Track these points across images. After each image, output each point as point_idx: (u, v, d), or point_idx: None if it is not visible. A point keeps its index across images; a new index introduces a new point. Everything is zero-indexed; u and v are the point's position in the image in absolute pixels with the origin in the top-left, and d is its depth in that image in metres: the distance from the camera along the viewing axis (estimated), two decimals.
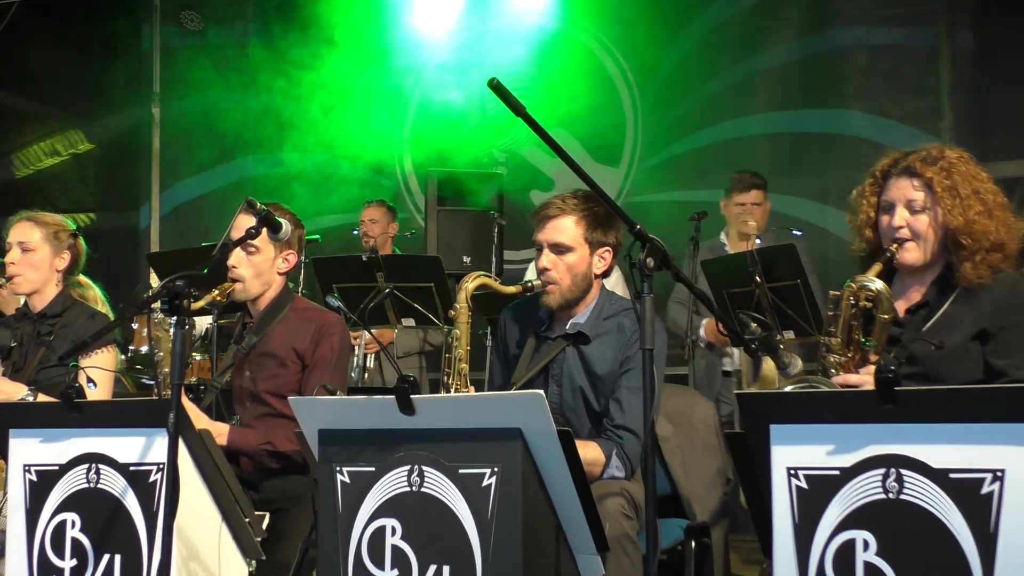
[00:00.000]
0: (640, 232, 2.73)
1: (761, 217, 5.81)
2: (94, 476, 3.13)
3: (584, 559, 2.90)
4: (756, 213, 5.80)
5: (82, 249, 4.35)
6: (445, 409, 2.81)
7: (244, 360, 3.92)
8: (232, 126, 9.18)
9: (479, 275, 3.63)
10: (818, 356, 3.15)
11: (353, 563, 2.83)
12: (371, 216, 6.97)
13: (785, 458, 2.51)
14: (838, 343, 3.08)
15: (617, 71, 8.34)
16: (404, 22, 8.82)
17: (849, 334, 3.07)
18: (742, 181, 5.93)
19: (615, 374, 3.51)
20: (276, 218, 3.63)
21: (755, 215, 5.79)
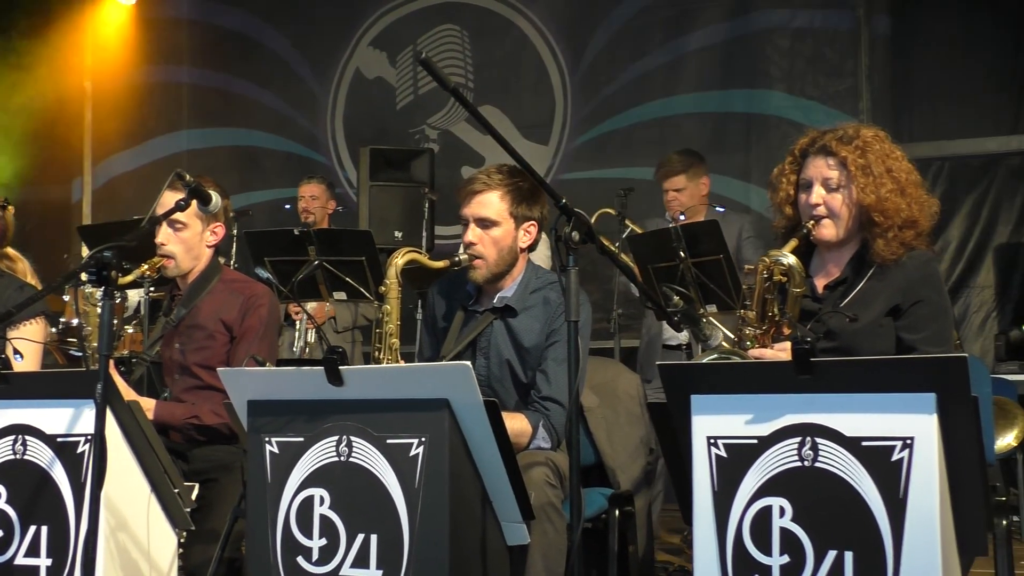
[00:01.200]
0: (565, 206, 2.77)
1: (688, 199, 5.84)
2: (20, 447, 3.12)
3: (510, 527, 2.96)
4: (681, 197, 5.84)
5: (10, 220, 4.29)
6: (373, 380, 2.84)
7: (173, 332, 3.92)
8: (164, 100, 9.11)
9: (408, 250, 3.66)
10: (735, 329, 3.22)
11: (282, 532, 2.86)
12: (311, 192, 6.96)
13: (705, 427, 2.58)
14: (753, 316, 3.14)
15: (547, 51, 8.38)
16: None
17: (764, 308, 3.14)
18: (661, 167, 5.95)
19: (541, 346, 3.56)
20: (206, 190, 3.62)
21: (679, 200, 5.83)
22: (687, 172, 5.83)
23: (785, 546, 2.45)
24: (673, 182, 5.84)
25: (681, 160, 5.88)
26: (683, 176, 5.83)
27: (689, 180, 5.84)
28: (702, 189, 5.91)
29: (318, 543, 2.82)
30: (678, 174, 5.84)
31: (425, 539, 2.70)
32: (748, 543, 2.49)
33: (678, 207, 5.81)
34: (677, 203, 5.81)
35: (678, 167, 5.85)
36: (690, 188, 5.83)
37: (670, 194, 5.86)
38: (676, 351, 5.73)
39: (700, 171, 5.90)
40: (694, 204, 5.86)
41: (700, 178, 5.89)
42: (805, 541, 2.43)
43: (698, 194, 5.88)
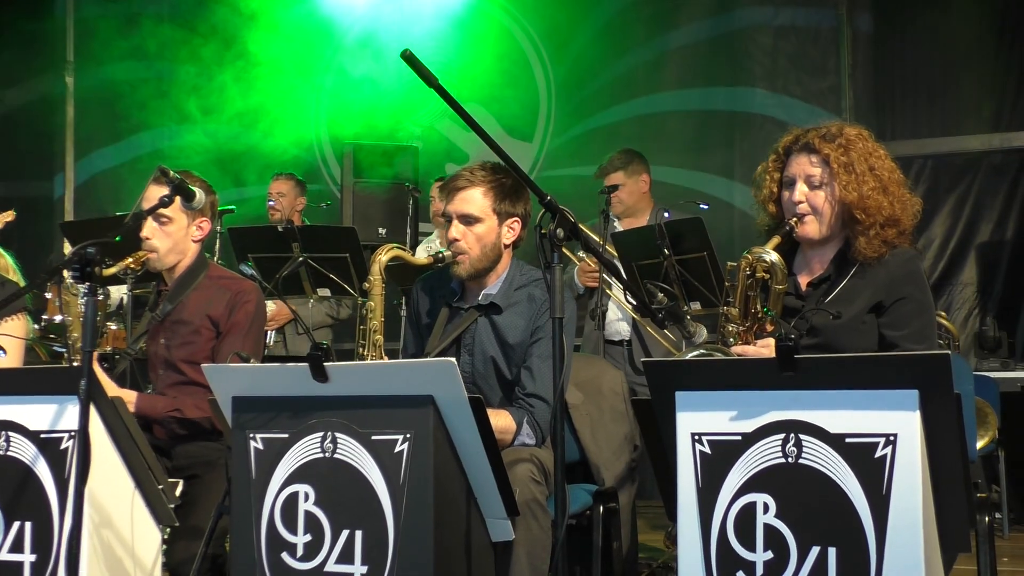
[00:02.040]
0: (550, 203, 2.78)
1: (627, 196, 5.85)
2: (4, 444, 3.10)
3: (495, 523, 2.97)
4: (620, 195, 5.83)
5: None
6: (358, 376, 2.84)
7: (159, 327, 3.91)
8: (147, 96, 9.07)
9: (392, 247, 3.66)
10: (718, 326, 3.23)
11: (266, 529, 2.86)
12: (279, 189, 6.92)
13: (689, 424, 2.58)
14: (736, 313, 3.16)
15: (531, 48, 8.40)
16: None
17: (746, 305, 3.15)
18: (600, 168, 5.97)
19: (526, 343, 3.56)
20: (189, 186, 3.61)
21: (619, 197, 5.83)
22: (625, 169, 5.85)
23: (769, 542, 2.46)
24: (611, 179, 5.85)
25: (620, 157, 5.90)
26: (621, 173, 5.84)
27: (627, 177, 5.84)
28: (642, 186, 5.91)
29: (303, 539, 2.82)
30: (616, 171, 5.86)
31: (410, 535, 2.71)
32: (732, 539, 2.50)
33: (618, 204, 5.81)
34: (616, 200, 5.81)
35: (617, 164, 5.88)
36: (629, 185, 5.84)
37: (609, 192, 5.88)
38: (618, 347, 5.76)
39: (640, 168, 5.90)
40: (635, 202, 5.87)
41: (640, 175, 5.89)
42: (789, 537, 2.44)
43: (638, 191, 5.89)
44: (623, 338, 5.75)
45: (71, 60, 9.18)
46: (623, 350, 5.71)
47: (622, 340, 5.76)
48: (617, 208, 5.81)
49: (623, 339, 5.75)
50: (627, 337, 5.72)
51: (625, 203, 5.82)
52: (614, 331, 5.78)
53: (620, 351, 5.72)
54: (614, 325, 5.76)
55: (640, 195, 5.89)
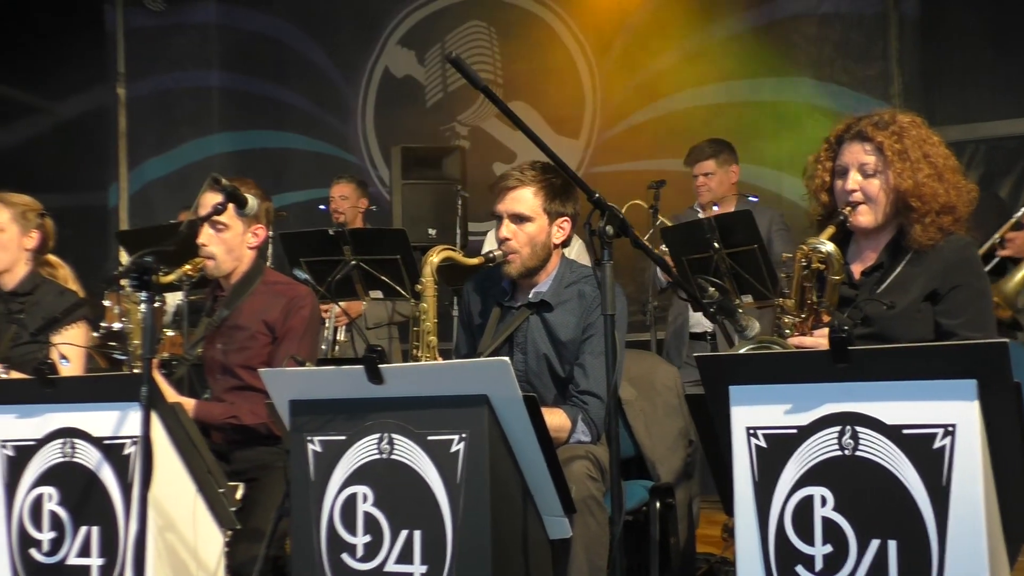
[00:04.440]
0: (599, 200, 2.79)
1: (717, 186, 5.90)
2: (69, 450, 3.17)
3: (552, 521, 2.98)
4: (710, 183, 5.89)
5: (51, 228, 4.35)
6: (413, 377, 2.86)
7: (215, 333, 3.96)
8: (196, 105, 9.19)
9: (443, 249, 3.68)
10: (773, 318, 3.22)
11: (326, 530, 2.89)
12: (341, 192, 6.96)
13: (744, 418, 2.57)
14: (792, 305, 3.14)
15: (575, 44, 8.39)
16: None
17: (802, 296, 3.14)
18: (690, 153, 6.03)
19: (578, 340, 3.57)
20: (242, 193, 3.65)
21: (709, 185, 5.89)
22: (717, 158, 5.91)
23: (828, 536, 2.45)
24: (702, 166, 5.92)
25: (711, 146, 5.96)
26: (712, 161, 5.90)
27: (719, 166, 5.91)
28: (731, 177, 5.96)
29: (362, 540, 2.84)
30: (708, 159, 5.92)
31: (468, 534, 2.72)
32: (790, 533, 2.49)
33: (707, 192, 5.87)
34: (706, 188, 5.89)
35: (708, 152, 5.93)
36: (719, 174, 5.90)
37: (700, 179, 5.93)
38: (702, 340, 5.75)
39: (730, 159, 5.96)
40: (723, 192, 5.90)
41: (730, 166, 5.95)
42: (848, 530, 2.43)
43: (727, 181, 5.93)
44: (706, 330, 5.73)
45: (122, 71, 9.31)
46: (706, 344, 5.69)
47: (704, 332, 5.74)
48: (705, 197, 5.87)
49: (705, 331, 5.73)
50: (710, 330, 5.70)
51: (714, 192, 5.88)
52: (695, 322, 5.77)
53: (703, 346, 5.70)
54: (696, 316, 5.74)
55: (729, 185, 5.94)
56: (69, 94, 9.28)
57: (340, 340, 6.30)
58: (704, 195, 5.89)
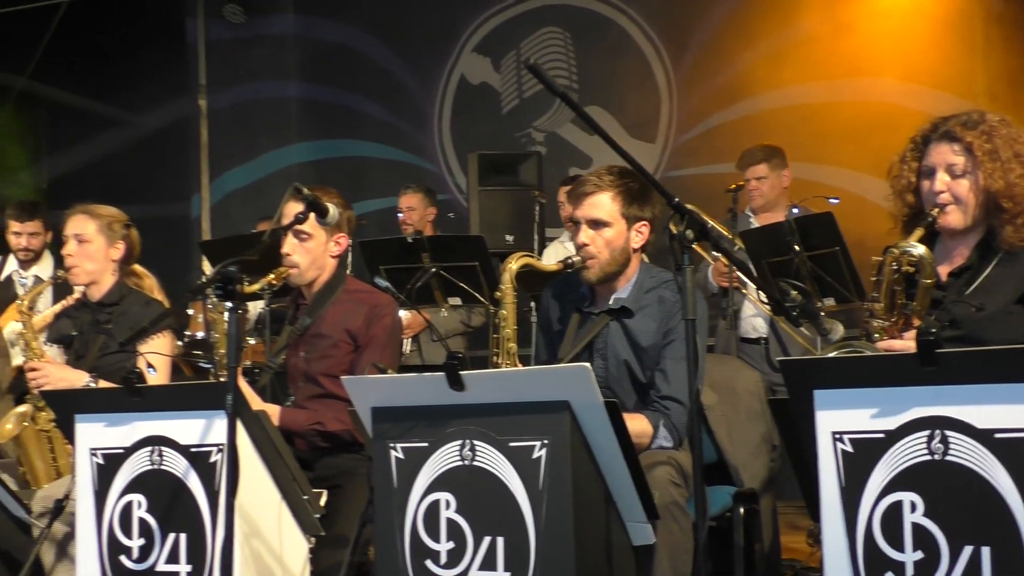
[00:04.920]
0: (678, 204, 2.77)
1: (769, 190, 5.84)
2: (157, 458, 3.22)
3: (635, 527, 2.97)
4: (762, 187, 5.84)
5: (136, 239, 4.42)
6: (494, 384, 2.87)
7: (298, 341, 3.99)
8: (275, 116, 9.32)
9: (521, 255, 3.68)
10: (861, 321, 3.17)
11: (410, 536, 2.90)
12: (408, 203, 6.99)
13: (830, 423, 2.54)
14: (881, 308, 3.09)
15: (650, 48, 8.36)
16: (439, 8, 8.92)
17: (892, 299, 3.09)
18: (742, 158, 5.98)
19: (658, 346, 3.55)
20: (322, 202, 3.68)
21: (761, 189, 5.84)
22: (769, 162, 5.87)
23: (918, 542, 2.40)
24: (754, 171, 5.88)
25: (763, 151, 5.92)
26: (764, 165, 5.86)
27: (771, 170, 5.86)
28: (783, 181, 5.91)
29: (446, 546, 2.85)
30: (759, 163, 5.87)
31: (551, 540, 2.72)
32: (879, 539, 2.45)
33: (759, 197, 5.83)
34: (758, 193, 5.86)
35: (759, 156, 5.89)
36: (771, 179, 5.86)
37: (751, 183, 5.89)
38: (755, 344, 5.69)
39: (781, 163, 5.92)
40: (775, 196, 5.84)
41: (782, 170, 5.91)
42: (939, 536, 2.39)
43: (779, 185, 5.88)
44: (760, 335, 5.69)
45: (203, 83, 9.47)
46: (760, 348, 5.64)
47: (759, 338, 5.69)
48: (757, 201, 5.84)
49: (760, 336, 5.69)
50: (764, 334, 5.66)
51: (766, 196, 5.83)
52: (749, 327, 5.73)
53: (758, 349, 5.65)
54: (750, 322, 5.70)
55: (781, 190, 5.89)
56: (152, 107, 9.46)
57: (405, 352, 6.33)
58: (756, 200, 5.86)
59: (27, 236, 6.22)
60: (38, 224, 6.24)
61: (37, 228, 6.24)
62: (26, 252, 6.24)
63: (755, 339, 5.71)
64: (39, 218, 6.26)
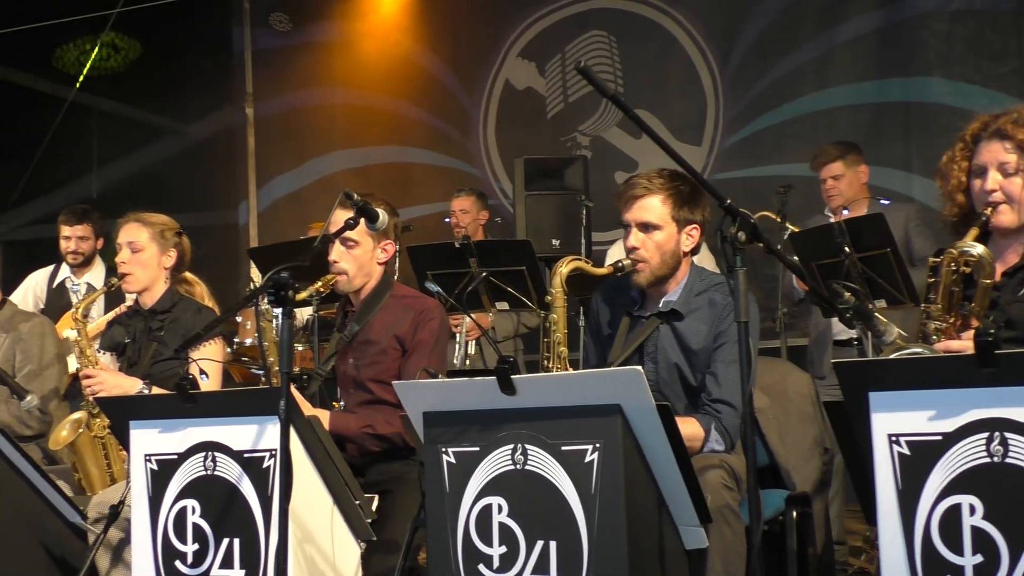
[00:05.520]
0: (730, 207, 2.76)
1: (847, 188, 5.75)
2: (211, 464, 3.24)
3: (687, 531, 2.95)
4: (840, 186, 5.75)
5: (187, 246, 4.47)
6: (545, 388, 2.85)
7: (347, 348, 4.01)
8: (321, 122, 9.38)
9: (572, 259, 3.68)
10: (918, 323, 3.14)
11: (462, 541, 2.90)
12: (461, 206, 7.02)
13: (886, 425, 2.51)
14: (939, 309, 3.06)
15: (695, 50, 8.33)
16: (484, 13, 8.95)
17: (950, 300, 3.06)
18: (816, 157, 5.88)
19: (709, 349, 3.54)
20: (373, 208, 3.70)
21: (838, 188, 5.75)
22: (844, 159, 5.75)
23: (978, 545, 2.37)
24: (830, 169, 5.76)
25: (837, 147, 5.80)
26: (840, 163, 5.74)
27: (847, 167, 5.74)
28: (861, 177, 5.79)
29: (498, 551, 2.85)
30: (835, 160, 5.76)
31: (604, 544, 2.71)
32: (938, 543, 2.43)
33: (837, 196, 5.72)
34: (836, 191, 5.73)
35: (834, 154, 5.77)
36: (848, 176, 5.74)
37: (828, 183, 5.78)
38: (847, 346, 5.60)
39: (858, 159, 5.80)
40: (854, 194, 5.74)
41: (858, 166, 5.78)
42: (999, 540, 2.35)
43: (857, 183, 5.77)
44: (851, 337, 5.59)
45: (250, 91, 9.54)
46: (852, 351, 5.54)
47: (850, 339, 5.60)
48: (836, 201, 5.72)
49: (851, 338, 5.59)
50: (856, 336, 5.55)
51: (845, 195, 5.72)
52: (840, 330, 5.62)
53: (849, 352, 5.54)
54: (841, 324, 5.60)
55: (859, 186, 5.79)
56: (199, 115, 9.56)
57: (470, 354, 6.34)
58: (834, 199, 5.73)
59: (76, 240, 6.29)
60: (87, 228, 6.31)
61: (86, 232, 6.30)
62: (75, 256, 6.31)
63: (846, 341, 5.61)
64: (88, 222, 6.32)
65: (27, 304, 6.27)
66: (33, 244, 9.49)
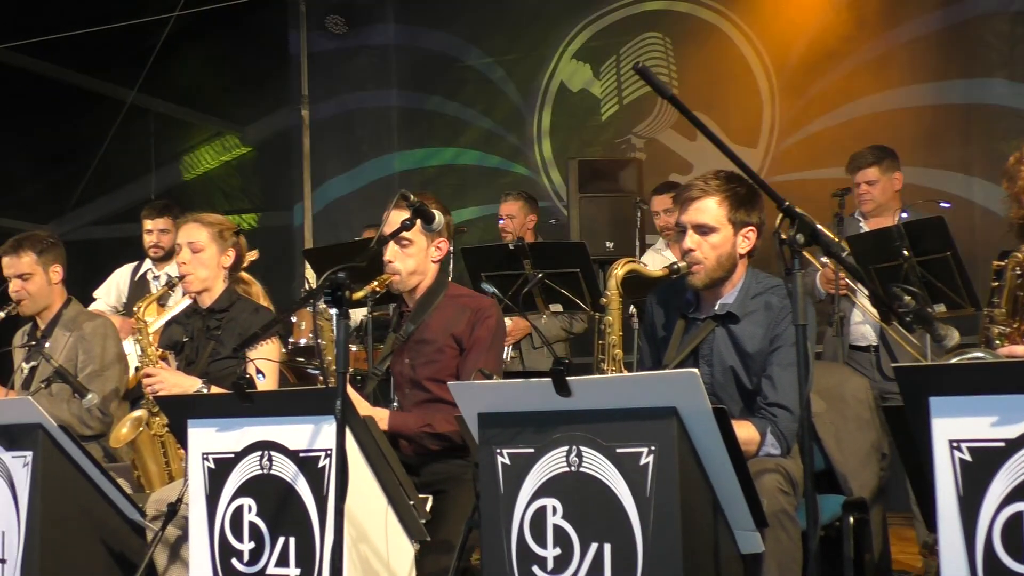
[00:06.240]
0: (789, 208, 2.74)
1: (880, 194, 5.68)
2: (267, 463, 3.27)
3: (743, 535, 2.93)
4: (873, 191, 5.68)
5: (244, 246, 4.50)
6: (601, 390, 2.85)
7: (403, 347, 4.02)
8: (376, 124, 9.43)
9: (627, 261, 3.67)
10: (981, 327, 3.10)
11: (516, 542, 2.90)
12: (508, 211, 7.00)
13: (946, 431, 2.48)
14: (1002, 314, 3.02)
15: (752, 52, 8.28)
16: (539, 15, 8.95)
17: (1014, 304, 3.01)
18: (852, 161, 5.81)
19: (765, 352, 3.51)
20: (429, 209, 3.71)
21: (872, 193, 5.68)
22: (880, 165, 5.67)
23: None
24: (865, 174, 5.69)
25: (874, 153, 5.73)
26: (876, 168, 5.67)
27: (882, 173, 5.67)
28: (895, 184, 5.72)
29: (552, 552, 2.84)
30: (871, 166, 5.69)
31: (658, 548, 2.70)
32: (1000, 551, 2.39)
33: (870, 201, 5.66)
34: (869, 197, 5.67)
35: (870, 159, 5.70)
36: (883, 182, 5.67)
37: (862, 187, 5.71)
38: (864, 352, 5.56)
39: (893, 165, 5.72)
40: (887, 200, 5.68)
41: (893, 173, 5.71)
42: None
43: (891, 189, 5.70)
44: (869, 343, 5.57)
45: (306, 94, 9.61)
46: (870, 356, 5.52)
47: (868, 346, 5.57)
48: (868, 205, 5.66)
49: (869, 344, 5.57)
50: (874, 342, 5.54)
51: (877, 200, 5.65)
52: (859, 335, 5.60)
53: (867, 357, 5.53)
54: (859, 329, 5.58)
55: (892, 194, 5.71)
56: (256, 118, 9.64)
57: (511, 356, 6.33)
58: (867, 204, 5.66)
59: (157, 233, 6.34)
60: (168, 221, 6.36)
61: (167, 225, 6.35)
62: (156, 249, 6.37)
63: (864, 347, 5.58)
64: (168, 215, 6.38)
65: (110, 298, 6.38)
66: (93, 244, 9.63)
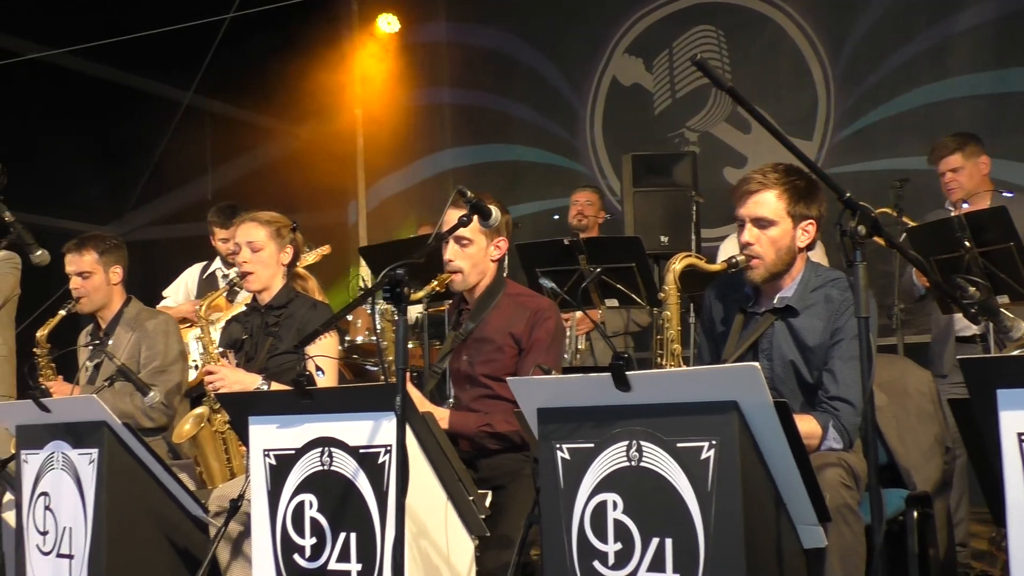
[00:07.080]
0: (850, 200, 2.71)
1: (967, 181, 5.54)
2: (327, 459, 3.29)
3: (805, 529, 2.90)
4: (959, 179, 5.55)
5: (301, 242, 4.53)
6: (661, 384, 2.83)
7: (462, 345, 4.03)
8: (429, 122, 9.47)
9: (685, 256, 3.66)
10: None
11: (577, 537, 2.90)
12: (587, 198, 7.02)
13: (1015, 423, 2.45)
14: None
15: (806, 43, 8.22)
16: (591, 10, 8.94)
17: None
18: (934, 150, 5.67)
19: (825, 345, 3.47)
20: (486, 205, 3.71)
21: (958, 181, 5.55)
22: (963, 151, 5.50)
23: None
24: (948, 162, 5.54)
25: (955, 140, 5.57)
26: (959, 155, 5.51)
27: (966, 159, 5.50)
28: (982, 169, 5.54)
29: (613, 547, 2.84)
30: (953, 153, 5.53)
31: (720, 542, 2.68)
32: None
33: (958, 189, 5.49)
34: (956, 184, 5.50)
35: (952, 146, 5.54)
36: (968, 168, 5.50)
37: (947, 176, 5.56)
38: (971, 343, 5.42)
39: (977, 150, 5.54)
40: (975, 187, 5.51)
41: (978, 157, 5.53)
42: None
43: (978, 174, 5.52)
44: (975, 333, 5.42)
45: (359, 92, 9.66)
46: (976, 348, 5.36)
47: (974, 335, 5.40)
48: (956, 194, 5.50)
49: (975, 334, 5.41)
50: (980, 332, 5.37)
51: (965, 187, 5.49)
52: (964, 326, 5.42)
53: (973, 349, 5.34)
54: (965, 320, 5.42)
55: (981, 178, 5.54)
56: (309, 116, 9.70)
57: (580, 349, 6.33)
58: (955, 192, 5.50)
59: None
60: None
61: None
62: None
63: (970, 337, 5.42)
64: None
65: (179, 295, 6.44)
66: (151, 245, 9.74)
